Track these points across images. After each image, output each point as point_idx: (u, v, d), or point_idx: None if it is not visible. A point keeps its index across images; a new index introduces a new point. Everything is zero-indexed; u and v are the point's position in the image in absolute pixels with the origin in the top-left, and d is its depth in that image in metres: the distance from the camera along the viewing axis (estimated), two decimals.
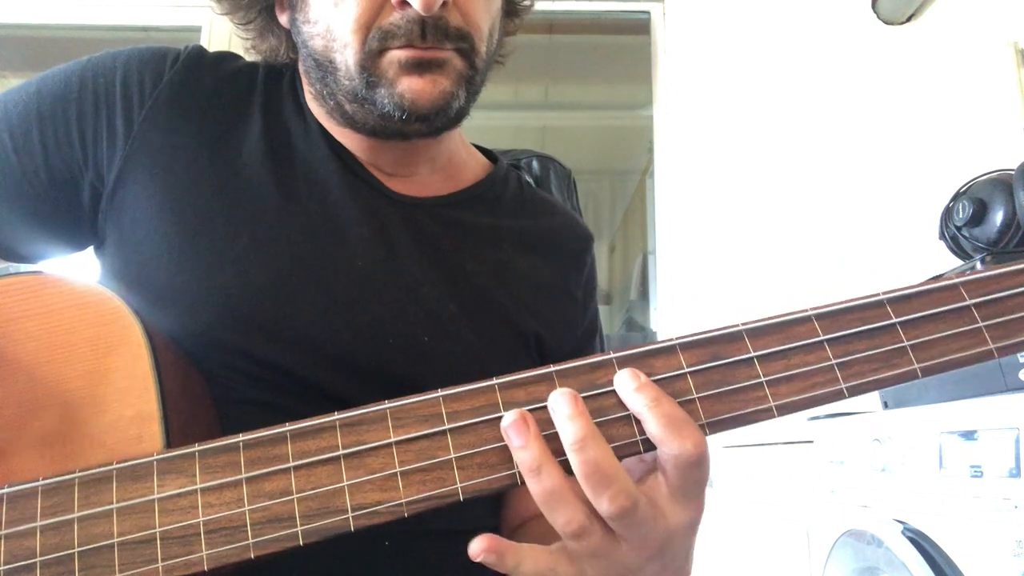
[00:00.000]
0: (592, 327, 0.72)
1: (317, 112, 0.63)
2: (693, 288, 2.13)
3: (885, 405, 1.48)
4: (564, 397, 0.39)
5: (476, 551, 0.39)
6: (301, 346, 0.54)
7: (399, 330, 0.57)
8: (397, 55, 0.54)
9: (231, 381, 0.53)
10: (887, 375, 0.40)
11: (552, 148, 1.07)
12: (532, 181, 0.77)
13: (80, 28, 2.40)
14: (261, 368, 0.54)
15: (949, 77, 2.25)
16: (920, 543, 1.15)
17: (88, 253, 0.62)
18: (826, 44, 2.29)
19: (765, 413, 0.40)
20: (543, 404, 0.40)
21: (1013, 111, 2.21)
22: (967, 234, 1.40)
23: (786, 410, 0.40)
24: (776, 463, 1.77)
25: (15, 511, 0.39)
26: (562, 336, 0.67)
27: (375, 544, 0.53)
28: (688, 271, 2.15)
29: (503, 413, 0.40)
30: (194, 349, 0.52)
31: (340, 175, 0.61)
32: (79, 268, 0.60)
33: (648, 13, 2.42)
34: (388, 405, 0.41)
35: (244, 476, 0.39)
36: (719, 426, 0.40)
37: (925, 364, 0.40)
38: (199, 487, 0.39)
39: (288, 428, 0.40)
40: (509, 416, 0.39)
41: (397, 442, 0.40)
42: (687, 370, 0.41)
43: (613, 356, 0.41)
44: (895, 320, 0.41)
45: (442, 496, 0.39)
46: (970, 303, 0.41)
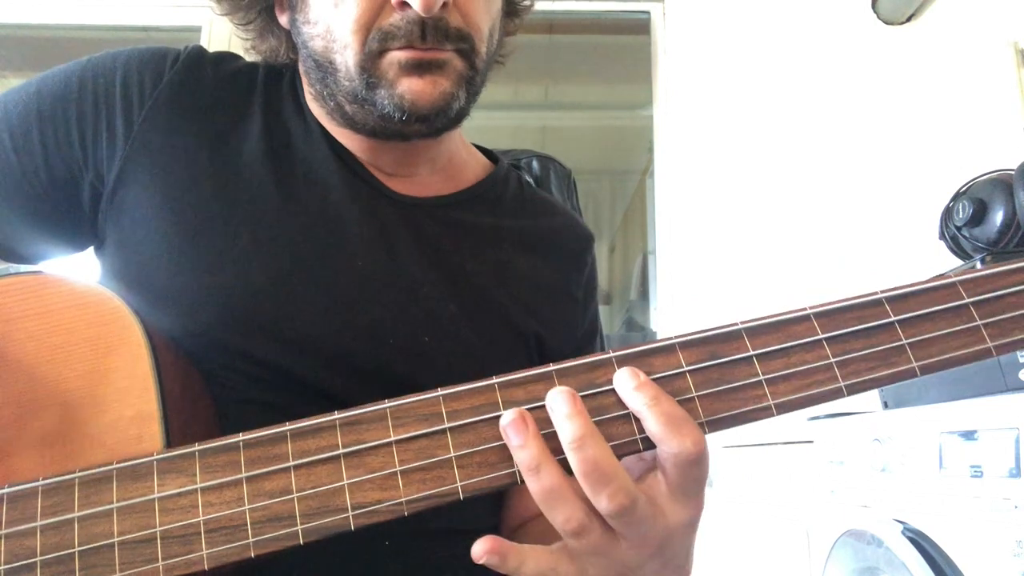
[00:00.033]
0: (592, 328, 0.72)
1: (317, 112, 0.63)
2: (693, 288, 2.13)
3: (885, 405, 1.48)
4: (562, 396, 0.39)
5: (479, 553, 0.39)
6: (301, 346, 0.54)
7: (399, 330, 0.57)
8: (397, 56, 0.54)
9: (231, 381, 0.53)
10: (886, 373, 0.40)
11: (552, 148, 1.07)
12: (532, 181, 0.77)
13: (80, 28, 2.40)
14: (261, 368, 0.54)
15: (949, 77, 2.25)
16: (920, 543, 1.15)
17: (88, 253, 0.62)
18: (826, 44, 2.29)
19: (764, 411, 0.40)
20: (543, 403, 0.40)
21: (1013, 111, 2.21)
22: (967, 234, 1.40)
23: (785, 408, 0.40)
24: (776, 463, 1.77)
25: (15, 511, 0.39)
26: (562, 337, 0.67)
27: (375, 543, 0.53)
28: (688, 271, 2.15)
29: (503, 412, 0.40)
30: (194, 349, 0.52)
31: (340, 175, 0.61)
32: (79, 268, 0.60)
33: (648, 13, 2.43)
34: (388, 404, 0.41)
35: (244, 475, 0.39)
36: (718, 424, 0.40)
37: (923, 362, 0.41)
38: (199, 486, 0.39)
39: (288, 427, 0.40)
40: (508, 415, 0.39)
41: (397, 441, 0.40)
42: (686, 369, 0.41)
43: (612, 355, 0.41)
44: (893, 319, 0.41)
45: (442, 495, 0.39)
46: (968, 301, 0.42)
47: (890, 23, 2.31)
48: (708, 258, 2.15)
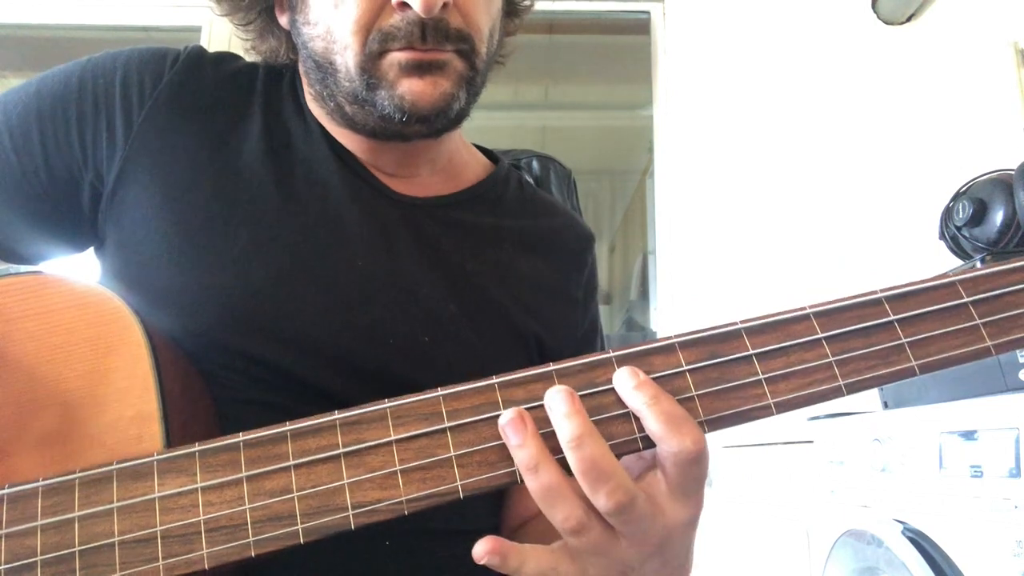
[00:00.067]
0: (593, 328, 0.72)
1: (317, 113, 0.63)
2: (693, 288, 2.13)
3: (885, 405, 1.48)
4: (560, 395, 0.39)
5: (480, 553, 0.39)
6: (301, 346, 0.54)
7: (399, 330, 0.57)
8: (397, 57, 0.54)
9: (231, 381, 0.53)
10: (885, 372, 0.40)
11: (552, 148, 1.07)
12: (532, 181, 0.77)
13: (80, 28, 2.40)
14: (261, 368, 0.54)
15: (949, 77, 2.25)
16: (920, 543, 1.15)
17: (88, 253, 0.62)
18: (826, 44, 2.29)
19: (764, 410, 0.40)
20: (542, 402, 0.40)
21: (1013, 111, 2.21)
22: (967, 234, 1.40)
23: (785, 407, 0.40)
24: (776, 463, 1.77)
25: (16, 511, 0.39)
26: (562, 337, 0.67)
27: (375, 543, 0.53)
28: (688, 271, 2.15)
29: (504, 411, 0.40)
30: (194, 349, 0.52)
31: (340, 175, 0.61)
32: (79, 268, 0.60)
33: (648, 13, 2.43)
34: (388, 404, 0.41)
35: (245, 475, 0.39)
36: (718, 423, 0.40)
37: (923, 361, 0.41)
38: (200, 486, 0.39)
39: (288, 427, 0.40)
40: (506, 415, 0.39)
41: (397, 440, 0.40)
42: (686, 368, 0.41)
43: (612, 355, 0.41)
44: (893, 318, 0.41)
45: (442, 494, 0.39)
46: (967, 300, 0.42)
47: (890, 23, 2.31)
48: (708, 258, 2.15)
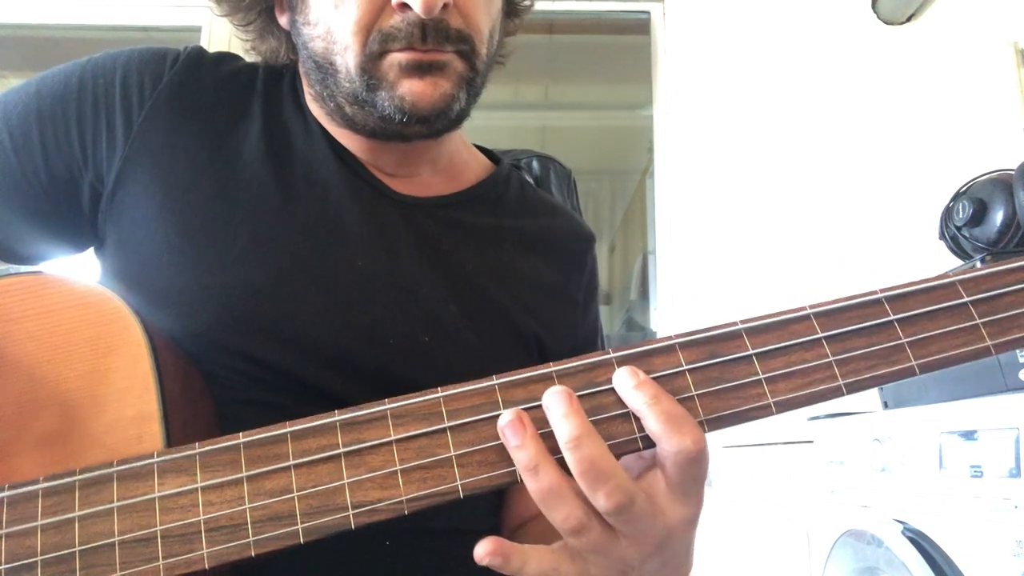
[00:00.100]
0: (593, 329, 0.72)
1: (317, 113, 0.63)
2: (693, 288, 2.13)
3: (885, 405, 1.48)
4: (558, 396, 0.39)
5: (481, 554, 0.39)
6: (301, 346, 0.54)
7: (399, 330, 0.57)
8: (397, 58, 0.54)
9: (231, 381, 0.53)
10: (885, 372, 0.41)
11: (552, 148, 1.07)
12: (532, 181, 0.77)
13: (80, 28, 2.40)
14: (261, 368, 0.54)
15: (949, 77, 2.25)
16: (920, 543, 1.15)
17: (88, 253, 0.62)
18: (826, 44, 2.29)
19: (764, 410, 0.40)
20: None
21: (1013, 111, 2.21)
22: (967, 234, 1.40)
23: (784, 407, 0.40)
24: (776, 463, 1.77)
25: (16, 511, 0.39)
26: (562, 337, 0.67)
27: (376, 543, 0.53)
28: (688, 271, 2.15)
29: (503, 411, 0.40)
30: (194, 349, 0.52)
31: (341, 175, 0.61)
32: (79, 268, 0.60)
33: (648, 13, 2.43)
34: (388, 404, 0.41)
35: (245, 475, 0.39)
36: (718, 423, 0.40)
37: (923, 361, 0.41)
38: (200, 486, 0.39)
39: (288, 427, 0.40)
40: (506, 416, 0.39)
41: (397, 440, 0.40)
42: (686, 368, 0.41)
43: (612, 355, 0.41)
44: (893, 317, 0.41)
45: (442, 493, 0.39)
46: (967, 300, 0.42)
47: (890, 23, 2.31)
48: (708, 258, 2.15)
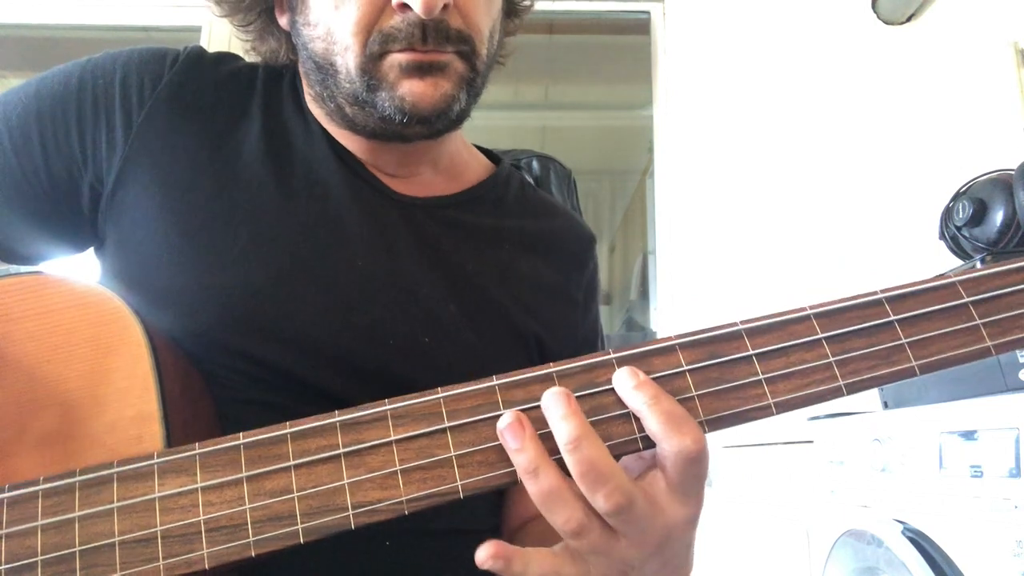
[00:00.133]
0: (593, 331, 0.72)
1: (317, 113, 0.63)
2: (693, 288, 2.13)
3: (885, 405, 1.48)
4: (557, 397, 0.39)
5: (483, 558, 0.39)
6: (301, 346, 0.54)
7: (399, 331, 0.57)
8: (398, 58, 0.54)
9: (231, 381, 0.53)
10: (885, 372, 0.41)
11: (552, 148, 1.07)
12: (532, 181, 0.77)
13: (80, 28, 2.40)
14: (261, 368, 0.54)
15: (949, 77, 2.25)
16: (920, 543, 1.15)
17: (88, 253, 0.62)
18: (826, 44, 2.29)
19: (764, 411, 0.40)
20: None
21: (1013, 111, 2.21)
22: (967, 234, 1.40)
23: (785, 407, 0.40)
24: (776, 463, 1.77)
25: (16, 511, 0.39)
26: (562, 338, 0.67)
27: (376, 543, 0.53)
28: (688, 271, 2.15)
29: (503, 412, 0.40)
30: (194, 349, 0.52)
31: (341, 175, 0.61)
32: (79, 268, 0.60)
33: (648, 13, 2.43)
34: (388, 404, 0.41)
35: (245, 475, 0.39)
36: (718, 423, 0.40)
37: (923, 361, 0.41)
38: (200, 486, 0.39)
39: (288, 427, 0.40)
40: (504, 418, 0.39)
41: (397, 440, 0.40)
42: (686, 368, 0.41)
43: (612, 355, 0.41)
44: (893, 318, 0.41)
45: (442, 494, 0.39)
46: (967, 301, 0.42)
47: (890, 23, 2.31)
48: (708, 258, 2.15)
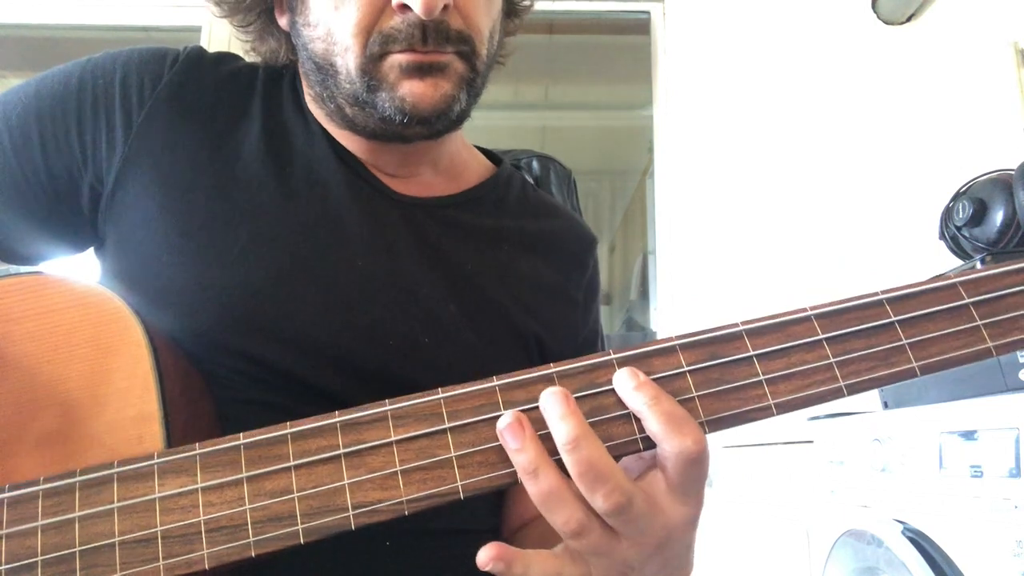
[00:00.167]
0: (594, 331, 0.72)
1: (317, 113, 0.63)
2: (693, 288, 2.13)
3: (885, 405, 1.48)
4: (555, 397, 0.39)
5: (484, 560, 0.39)
6: (301, 346, 0.54)
7: (399, 331, 0.57)
8: (398, 59, 0.54)
9: (232, 381, 0.53)
10: (886, 373, 0.41)
11: (552, 148, 1.07)
12: (532, 181, 0.77)
13: (80, 28, 2.40)
14: (261, 368, 0.54)
15: (949, 77, 2.25)
16: (920, 543, 1.15)
17: (88, 253, 0.62)
18: (826, 44, 2.29)
19: (764, 411, 0.40)
20: None
21: (1013, 111, 2.21)
22: (967, 234, 1.40)
23: (785, 408, 0.40)
24: (776, 463, 1.77)
25: (16, 511, 0.39)
26: (562, 338, 0.67)
27: (376, 543, 0.53)
28: (688, 271, 2.15)
29: (502, 413, 0.40)
30: (194, 349, 0.52)
31: (341, 175, 0.61)
32: (79, 268, 0.60)
33: (648, 13, 2.43)
34: (388, 405, 0.41)
35: (245, 475, 0.39)
36: (718, 424, 0.40)
37: (923, 362, 0.41)
38: (200, 486, 0.39)
39: (289, 428, 0.40)
40: (504, 419, 0.39)
41: (397, 441, 0.40)
42: (686, 369, 0.41)
43: (613, 356, 0.41)
44: (894, 319, 0.41)
45: (443, 494, 0.39)
46: (968, 302, 0.42)
47: (890, 23, 2.31)
48: (708, 258, 2.15)
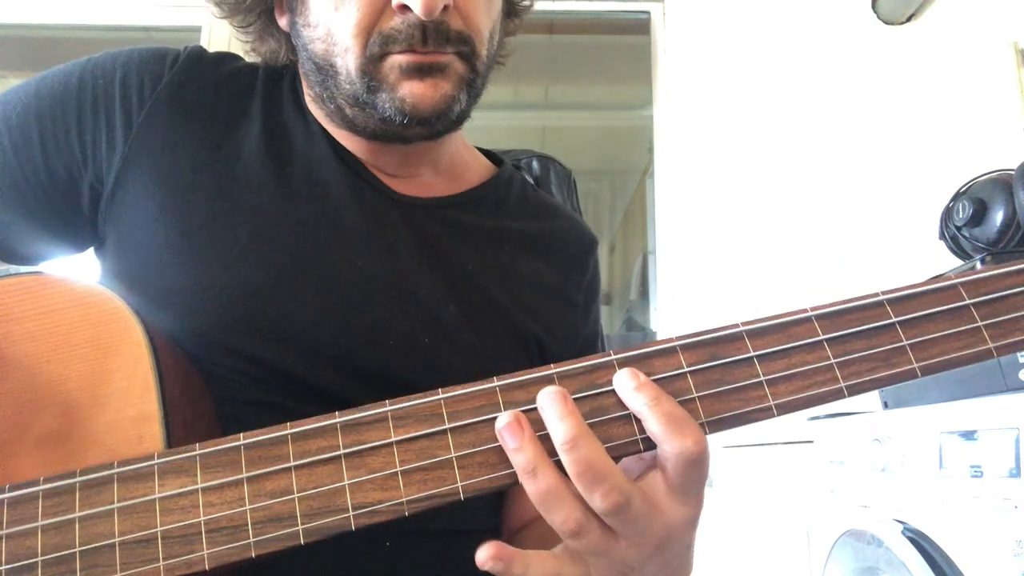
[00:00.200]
0: (594, 333, 0.72)
1: (317, 114, 0.63)
2: (693, 288, 2.13)
3: (885, 405, 1.48)
4: (553, 397, 0.39)
5: (483, 559, 0.39)
6: (301, 347, 0.54)
7: (399, 331, 0.57)
8: (398, 60, 0.54)
9: (232, 381, 0.53)
10: (886, 374, 0.40)
11: (552, 148, 1.07)
12: (532, 181, 0.77)
13: (80, 28, 2.40)
14: (261, 368, 0.54)
15: (949, 77, 2.25)
16: (920, 543, 1.15)
17: (88, 253, 0.62)
18: (826, 44, 2.29)
19: (765, 412, 0.40)
20: None
21: (1013, 111, 2.21)
22: (967, 234, 1.40)
23: (786, 409, 0.40)
24: (776, 463, 1.77)
25: (16, 511, 0.39)
26: (563, 340, 0.67)
27: (376, 544, 0.53)
28: (688, 271, 2.15)
29: (501, 413, 0.40)
30: (195, 349, 0.52)
31: (341, 175, 0.61)
32: (79, 268, 0.60)
33: (648, 13, 2.43)
34: (389, 405, 0.41)
35: (245, 475, 0.39)
36: (719, 425, 0.40)
37: (924, 363, 0.41)
38: (200, 487, 0.39)
39: (289, 428, 0.40)
40: (503, 418, 0.39)
41: (398, 441, 0.40)
42: (687, 370, 0.41)
43: (613, 357, 0.41)
44: (894, 320, 0.41)
45: (443, 495, 0.39)
46: (969, 303, 0.42)
47: (890, 23, 2.31)
48: (708, 258, 2.15)
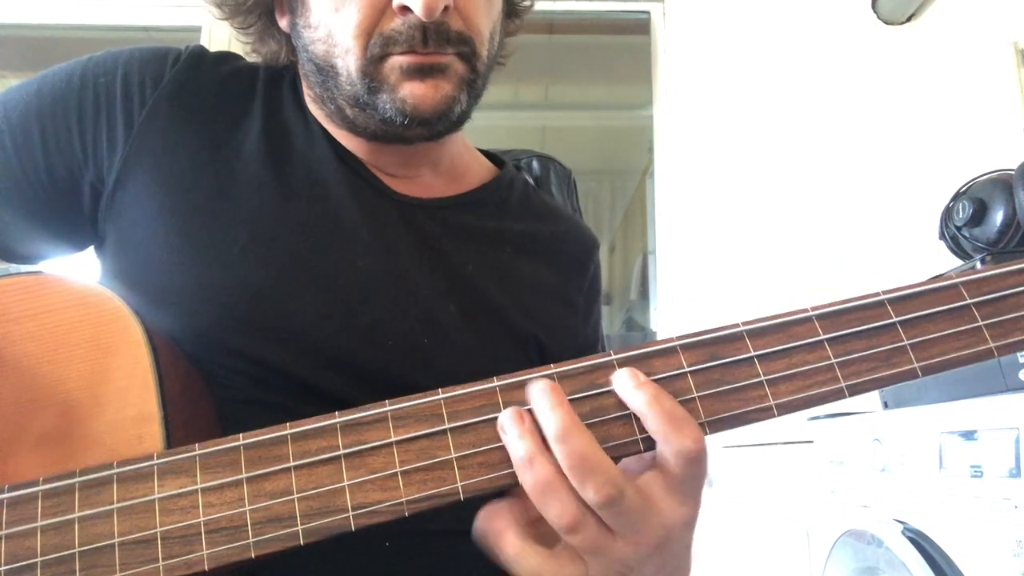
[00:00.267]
0: (595, 334, 0.72)
1: (317, 114, 0.63)
2: (693, 288, 2.13)
3: (885, 405, 1.48)
4: (543, 390, 0.39)
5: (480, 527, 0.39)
6: (301, 347, 0.54)
7: (398, 331, 0.57)
8: (399, 61, 0.54)
9: (232, 381, 0.53)
10: (887, 374, 0.40)
11: (552, 148, 1.07)
12: (532, 181, 0.77)
13: (80, 28, 2.40)
14: (261, 368, 0.54)
15: (949, 77, 2.25)
16: (920, 543, 1.15)
17: (88, 253, 0.62)
18: (826, 44, 2.29)
19: (765, 412, 0.40)
20: None
21: (1013, 111, 2.21)
22: (967, 234, 1.40)
23: (786, 409, 0.40)
24: (776, 463, 1.77)
25: (16, 511, 0.39)
26: (563, 341, 0.67)
27: (376, 544, 0.53)
28: (688, 271, 2.15)
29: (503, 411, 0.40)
30: (194, 349, 0.52)
31: (341, 175, 0.61)
32: (79, 268, 0.60)
33: (648, 13, 2.43)
34: (389, 405, 0.41)
35: (245, 476, 0.39)
36: (719, 425, 0.40)
37: (925, 363, 0.41)
38: (200, 487, 0.39)
39: (289, 428, 0.40)
40: (506, 412, 0.39)
41: (398, 442, 0.40)
42: (687, 369, 0.41)
43: (613, 357, 0.41)
44: (895, 319, 0.41)
45: (443, 495, 0.39)
46: (970, 302, 0.42)
47: (890, 23, 2.31)
48: (708, 258, 2.15)
